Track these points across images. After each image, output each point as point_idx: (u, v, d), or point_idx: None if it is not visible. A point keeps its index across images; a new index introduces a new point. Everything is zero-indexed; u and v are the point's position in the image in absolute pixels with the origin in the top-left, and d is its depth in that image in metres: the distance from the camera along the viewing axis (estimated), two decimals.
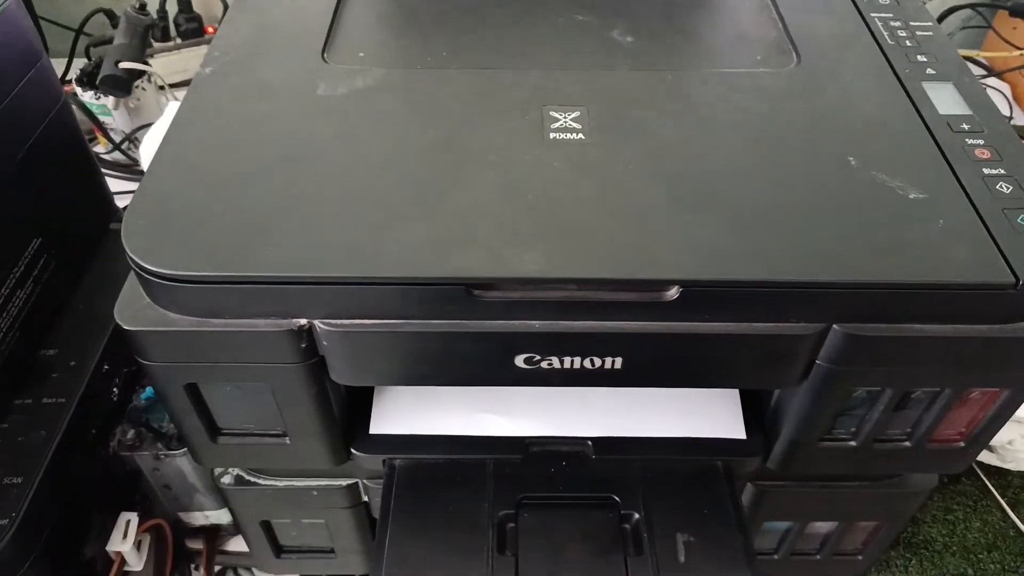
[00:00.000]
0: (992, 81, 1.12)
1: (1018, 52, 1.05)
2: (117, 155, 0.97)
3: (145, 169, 0.44)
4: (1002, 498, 0.71)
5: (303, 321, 0.41)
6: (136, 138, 0.97)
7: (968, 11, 1.13)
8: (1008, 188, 0.43)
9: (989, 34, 1.15)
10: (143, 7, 0.94)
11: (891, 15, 0.56)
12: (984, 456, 0.71)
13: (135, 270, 0.40)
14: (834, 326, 0.41)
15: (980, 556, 0.67)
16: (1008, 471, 0.72)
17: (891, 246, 0.40)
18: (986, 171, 0.44)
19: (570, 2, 0.58)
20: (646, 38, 0.54)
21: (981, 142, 0.46)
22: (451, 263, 0.39)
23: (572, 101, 0.48)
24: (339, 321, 0.41)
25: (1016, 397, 0.46)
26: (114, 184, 0.93)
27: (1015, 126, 1.06)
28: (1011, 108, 1.09)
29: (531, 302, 0.40)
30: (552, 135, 0.46)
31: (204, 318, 0.41)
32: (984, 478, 0.72)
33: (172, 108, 0.50)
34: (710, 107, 0.48)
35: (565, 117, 0.47)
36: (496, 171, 0.43)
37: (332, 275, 0.39)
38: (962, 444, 0.49)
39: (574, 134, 0.46)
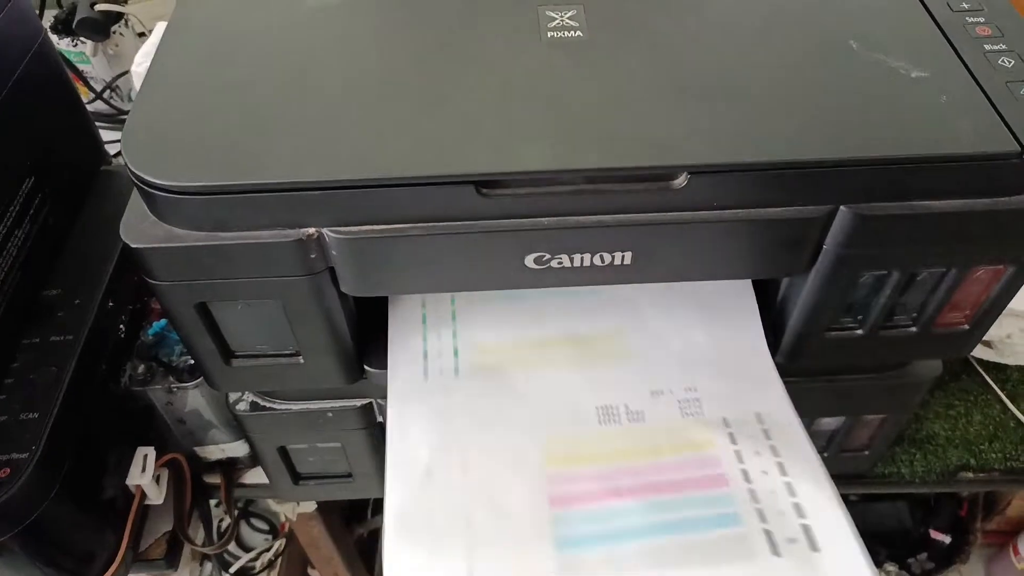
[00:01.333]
0: None
1: None
2: (99, 104, 0.95)
3: (137, 88, 0.44)
4: (1001, 391, 0.72)
5: (311, 230, 0.40)
6: (118, 86, 0.95)
7: None
8: (1011, 62, 0.43)
9: None
10: None
11: None
12: (983, 352, 0.73)
13: (138, 186, 0.40)
14: (841, 207, 0.41)
15: (982, 447, 0.69)
16: (1006, 366, 0.73)
17: (895, 123, 0.40)
18: (987, 47, 0.44)
19: None
20: None
21: (982, 20, 0.46)
22: (458, 161, 0.39)
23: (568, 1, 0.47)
24: (347, 228, 0.41)
25: (1018, 276, 0.46)
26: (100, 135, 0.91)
27: None
28: None
29: (540, 196, 0.40)
30: (550, 34, 0.45)
31: (211, 231, 0.40)
32: (983, 373, 0.73)
33: (161, 26, 0.48)
34: (707, 4, 0.47)
35: (562, 16, 0.46)
36: (496, 71, 0.43)
37: (339, 178, 0.38)
38: (967, 326, 0.50)
39: (572, 32, 0.45)
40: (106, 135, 0.92)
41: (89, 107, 0.95)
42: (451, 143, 0.39)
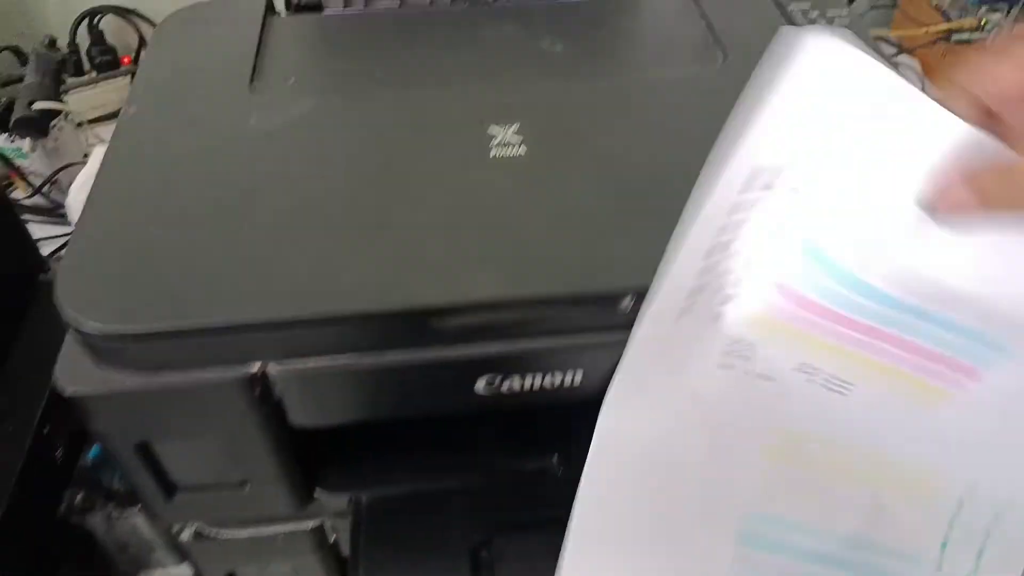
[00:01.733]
0: (903, 58, 1.17)
1: (924, 30, 1.09)
2: (38, 199, 0.93)
3: (74, 221, 0.42)
4: None
5: (256, 366, 0.39)
6: (58, 179, 0.93)
7: None
8: None
9: (897, 13, 1.19)
10: (53, 43, 0.91)
11: (808, 5, 0.57)
12: None
13: (74, 330, 0.38)
14: None
15: None
16: None
17: None
18: None
19: (496, 16, 0.57)
20: (575, 46, 0.54)
21: None
22: (404, 293, 0.38)
23: (510, 116, 0.48)
24: (293, 362, 0.40)
25: None
26: (38, 230, 0.89)
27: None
28: (923, 82, 1.14)
29: (488, 325, 0.40)
30: (493, 152, 0.45)
31: (151, 373, 0.39)
32: None
33: (99, 152, 0.48)
34: (643, 114, 0.49)
35: (505, 132, 0.47)
36: (441, 195, 0.43)
37: (282, 317, 0.38)
38: None
39: (515, 148, 0.46)
40: (45, 230, 0.90)
41: (27, 202, 0.93)
42: (396, 275, 0.39)
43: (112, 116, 1.00)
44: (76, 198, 0.54)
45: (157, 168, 0.44)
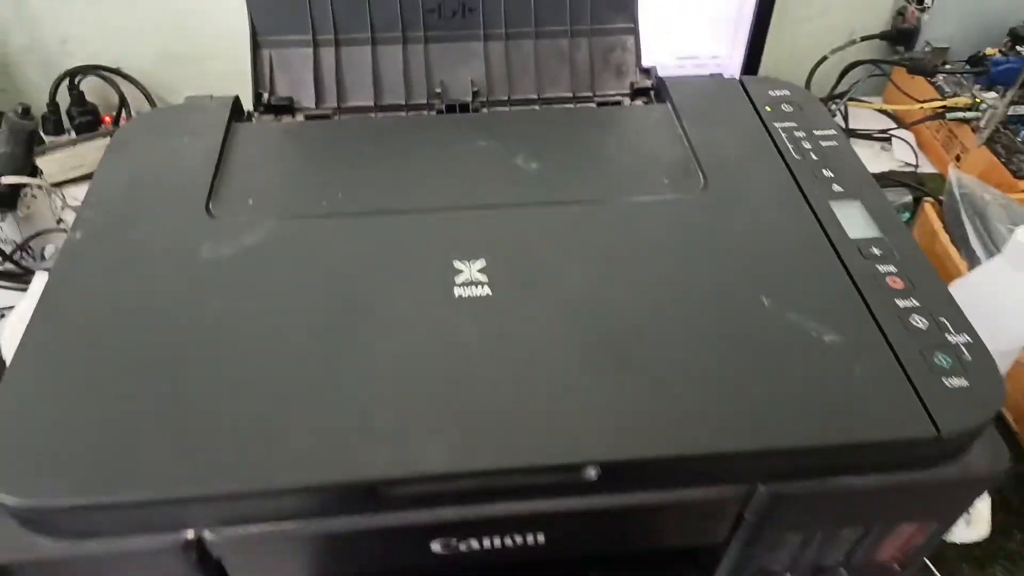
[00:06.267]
0: (900, 132, 1.15)
1: (919, 105, 1.07)
2: (8, 266, 0.91)
3: (6, 359, 0.40)
4: (939, 572, 0.71)
5: (190, 534, 0.37)
6: (30, 247, 0.91)
7: (869, 65, 1.16)
8: (924, 323, 0.42)
9: (888, 85, 1.18)
10: (27, 111, 0.88)
11: (795, 124, 0.55)
12: None
13: None
14: (759, 486, 0.39)
15: None
16: (942, 541, 0.72)
17: (810, 404, 0.39)
18: (900, 303, 0.44)
19: (472, 125, 0.56)
20: (550, 164, 0.52)
21: (893, 269, 0.45)
22: (350, 464, 0.36)
23: (476, 250, 0.45)
24: (232, 529, 0.37)
25: (945, 525, 0.45)
26: (5, 297, 0.87)
27: (921, 173, 1.09)
28: (916, 156, 1.12)
29: (439, 493, 0.37)
30: (458, 291, 0.43)
31: (80, 540, 0.37)
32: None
33: (40, 280, 0.45)
34: (617, 247, 0.46)
35: (470, 268, 0.44)
36: (398, 344, 0.41)
37: (219, 490, 0.35)
38: (898, 568, 0.48)
39: (480, 288, 0.43)
40: (14, 297, 0.88)
41: None
42: (343, 442, 0.36)
43: (89, 177, 0.99)
44: (10, 337, 0.52)
45: (93, 313, 0.41)
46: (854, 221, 0.48)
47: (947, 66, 1.10)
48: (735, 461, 0.38)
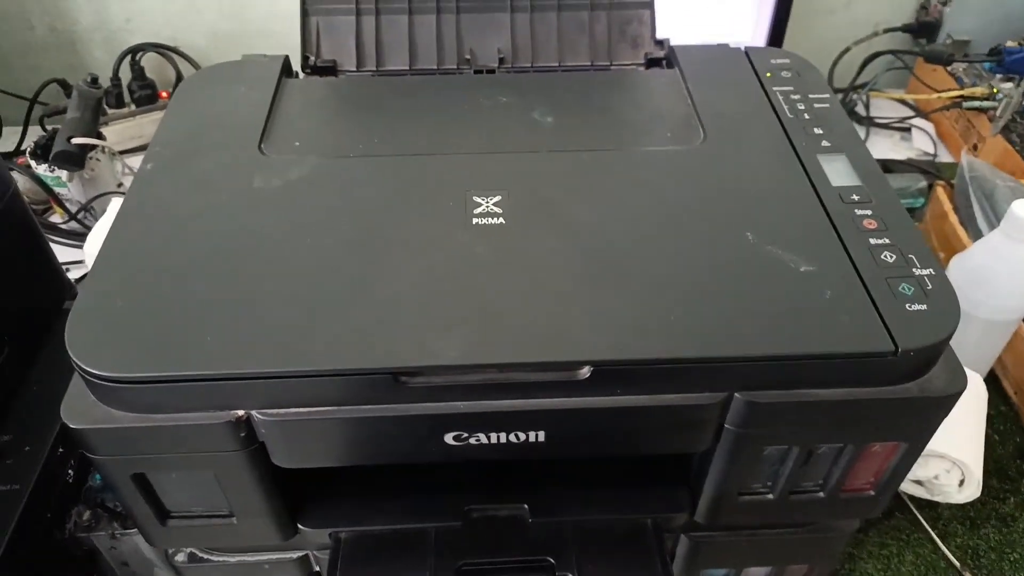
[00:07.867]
0: (919, 121, 1.18)
1: (937, 95, 1.11)
2: (74, 224, 0.99)
3: (89, 267, 0.47)
4: (932, 530, 0.74)
5: (241, 412, 0.43)
6: (92, 207, 0.99)
7: (890, 56, 1.20)
8: (892, 257, 0.47)
9: (911, 78, 1.21)
10: (95, 80, 0.97)
11: (791, 88, 0.60)
12: (915, 490, 0.75)
13: (78, 372, 0.42)
14: (736, 394, 0.44)
15: None
16: (938, 503, 0.76)
17: (781, 320, 0.44)
18: (872, 241, 0.48)
19: (496, 85, 0.61)
20: (565, 118, 0.58)
21: (869, 212, 0.50)
22: (377, 354, 0.42)
23: (494, 186, 0.51)
24: (275, 411, 0.43)
25: (915, 447, 0.50)
26: (71, 253, 0.95)
27: (939, 162, 1.12)
28: (935, 145, 1.15)
29: (455, 385, 0.43)
30: (475, 220, 0.49)
31: (146, 414, 0.43)
32: (915, 511, 0.76)
33: (115, 205, 0.52)
34: (621, 188, 0.52)
35: (487, 202, 0.50)
36: (422, 259, 0.46)
37: (265, 371, 0.41)
38: (872, 492, 0.53)
39: (495, 219, 0.49)
40: (78, 254, 0.96)
41: (64, 226, 0.99)
42: (370, 336, 0.42)
43: (146, 148, 1.07)
44: (92, 247, 0.59)
45: (163, 226, 0.48)
46: (838, 172, 0.53)
47: (965, 56, 1.13)
48: (714, 366, 0.43)
